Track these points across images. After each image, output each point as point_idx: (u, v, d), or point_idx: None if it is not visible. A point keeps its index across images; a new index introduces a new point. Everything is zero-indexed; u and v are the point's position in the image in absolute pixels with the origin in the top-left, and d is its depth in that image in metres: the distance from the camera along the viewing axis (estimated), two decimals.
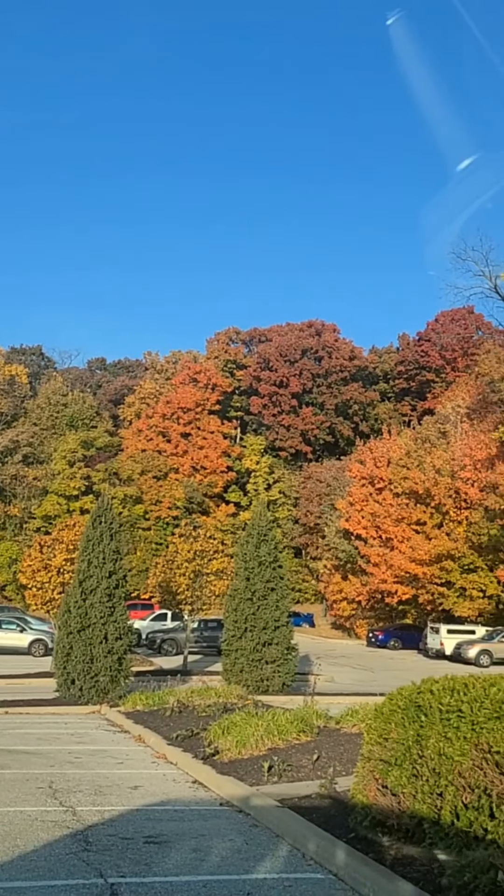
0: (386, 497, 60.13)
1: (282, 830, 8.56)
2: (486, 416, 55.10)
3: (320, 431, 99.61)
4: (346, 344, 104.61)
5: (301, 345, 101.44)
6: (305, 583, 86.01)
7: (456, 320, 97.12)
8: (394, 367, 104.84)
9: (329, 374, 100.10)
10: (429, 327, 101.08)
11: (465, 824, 6.39)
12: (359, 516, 60.97)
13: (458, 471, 51.21)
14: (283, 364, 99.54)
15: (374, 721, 8.39)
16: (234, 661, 22.79)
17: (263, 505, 27.25)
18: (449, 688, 7.41)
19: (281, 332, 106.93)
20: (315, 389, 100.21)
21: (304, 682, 24.13)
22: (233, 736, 13.01)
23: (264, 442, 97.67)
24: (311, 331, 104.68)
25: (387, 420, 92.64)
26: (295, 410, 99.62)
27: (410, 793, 7.29)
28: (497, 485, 45.74)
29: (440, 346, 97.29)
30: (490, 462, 48.56)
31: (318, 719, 14.68)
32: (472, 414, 59.13)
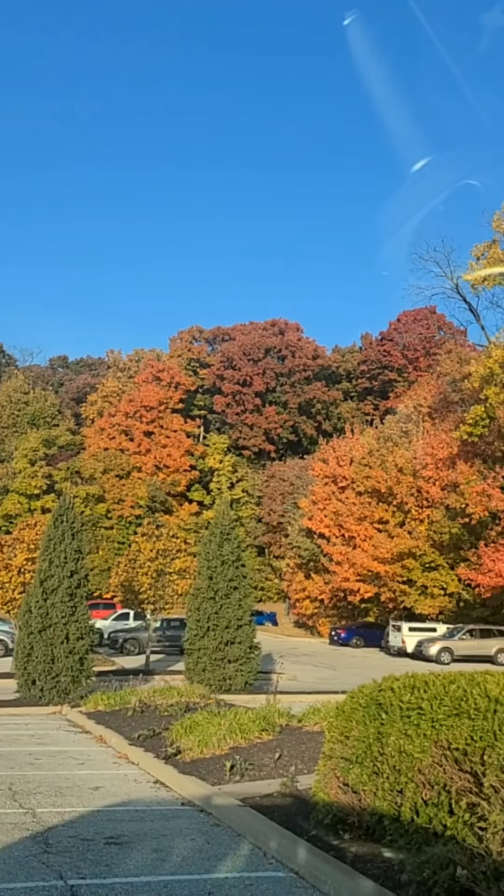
0: (349, 496, 60.42)
1: (243, 829, 8.56)
2: (448, 415, 55.59)
3: (283, 430, 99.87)
4: (310, 343, 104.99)
5: (264, 344, 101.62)
6: (268, 581, 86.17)
7: (418, 320, 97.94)
8: (356, 366, 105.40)
9: (292, 373, 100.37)
10: (391, 327, 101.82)
11: (424, 821, 6.44)
12: (321, 515, 61.20)
13: (419, 469, 51.61)
14: (247, 363, 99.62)
15: (335, 719, 8.43)
16: (196, 660, 22.75)
17: (226, 503, 27.21)
18: (409, 685, 7.46)
19: (244, 330, 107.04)
20: (278, 388, 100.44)
21: (267, 680, 24.17)
22: (195, 735, 12.99)
23: (227, 440, 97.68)
24: (274, 330, 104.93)
25: (349, 419, 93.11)
26: (258, 409, 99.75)
27: (371, 790, 7.32)
28: (458, 483, 46.16)
29: (402, 346, 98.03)
30: (451, 461, 49.01)
31: (281, 718, 14.71)
32: (434, 413, 59.63)
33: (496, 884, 5.22)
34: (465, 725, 6.35)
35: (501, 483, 41.45)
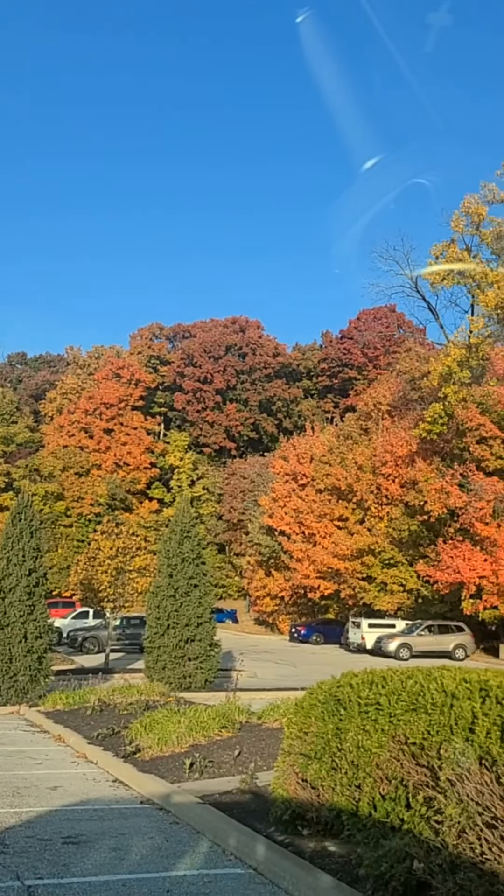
0: (309, 493, 60.66)
1: (202, 827, 8.56)
2: (407, 413, 56.01)
3: (244, 428, 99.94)
4: (270, 341, 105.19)
5: (225, 341, 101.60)
6: (229, 579, 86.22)
7: (378, 318, 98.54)
8: (317, 364, 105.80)
9: (253, 370, 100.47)
10: (351, 325, 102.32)
11: (382, 815, 6.49)
12: (282, 512, 61.37)
13: (379, 467, 51.96)
14: (207, 360, 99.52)
15: (294, 715, 8.46)
16: (156, 658, 22.69)
17: (187, 501, 27.15)
18: (368, 681, 7.51)
19: (205, 327, 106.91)
20: (239, 386, 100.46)
21: (227, 678, 24.19)
22: (154, 733, 12.96)
23: (188, 438, 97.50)
24: (235, 327, 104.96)
25: (310, 417, 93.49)
26: (219, 407, 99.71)
27: (329, 786, 7.37)
28: (417, 481, 46.55)
29: (362, 344, 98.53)
30: (410, 458, 49.41)
31: (240, 715, 14.72)
32: (393, 411, 60.06)
33: (452, 876, 5.28)
34: (422, 720, 6.41)
35: (459, 480, 41.88)
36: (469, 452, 42.92)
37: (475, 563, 38.81)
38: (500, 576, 38.02)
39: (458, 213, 47.76)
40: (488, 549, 39.16)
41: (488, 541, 39.09)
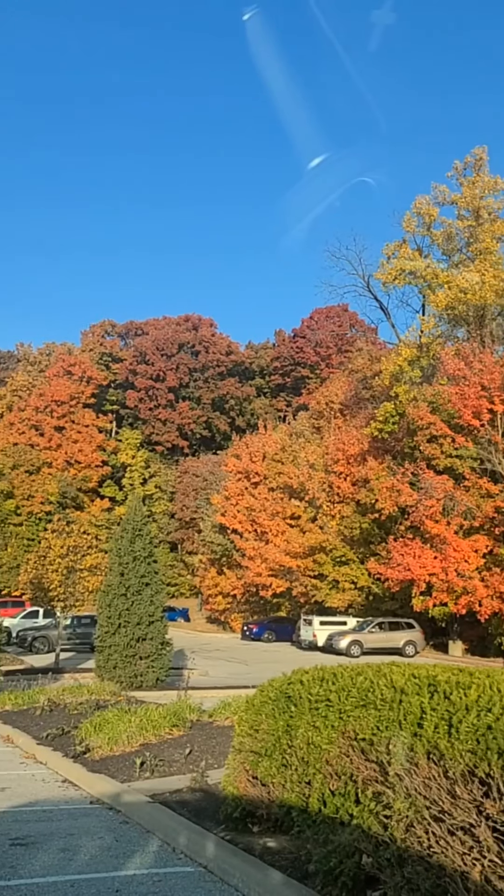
0: (261, 491, 60.81)
1: (152, 826, 8.52)
2: (359, 412, 56.42)
3: (197, 426, 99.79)
4: (223, 339, 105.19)
5: (178, 339, 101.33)
6: (181, 577, 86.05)
7: (330, 317, 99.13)
8: (270, 362, 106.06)
9: (206, 368, 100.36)
10: (304, 324, 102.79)
11: (331, 811, 6.52)
12: (234, 510, 61.42)
13: (331, 465, 52.26)
14: (160, 358, 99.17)
15: (245, 713, 8.47)
16: (107, 657, 22.54)
17: (139, 499, 27.03)
18: (318, 678, 7.55)
19: (157, 325, 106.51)
20: (192, 384, 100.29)
21: (179, 676, 24.14)
22: (105, 733, 12.87)
23: (140, 436, 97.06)
24: (188, 325, 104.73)
25: (262, 415, 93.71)
26: (171, 405, 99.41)
27: (280, 782, 7.39)
28: (368, 479, 46.90)
29: (315, 343, 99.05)
30: (362, 457, 49.76)
31: (192, 713, 14.70)
32: (345, 410, 60.47)
33: (400, 870, 5.32)
34: (371, 716, 6.45)
35: (410, 479, 42.27)
36: (420, 451, 43.36)
37: (425, 561, 39.22)
38: (449, 573, 38.48)
39: (409, 213, 48.30)
40: (438, 546, 39.60)
41: (438, 538, 39.53)
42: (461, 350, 43.73)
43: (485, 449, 40.66)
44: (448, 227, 47.66)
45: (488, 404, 39.43)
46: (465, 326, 47.90)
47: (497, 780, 4.93)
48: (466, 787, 5.14)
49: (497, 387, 39.35)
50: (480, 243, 45.09)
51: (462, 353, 42.93)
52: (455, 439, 41.03)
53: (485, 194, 46.20)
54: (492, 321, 47.27)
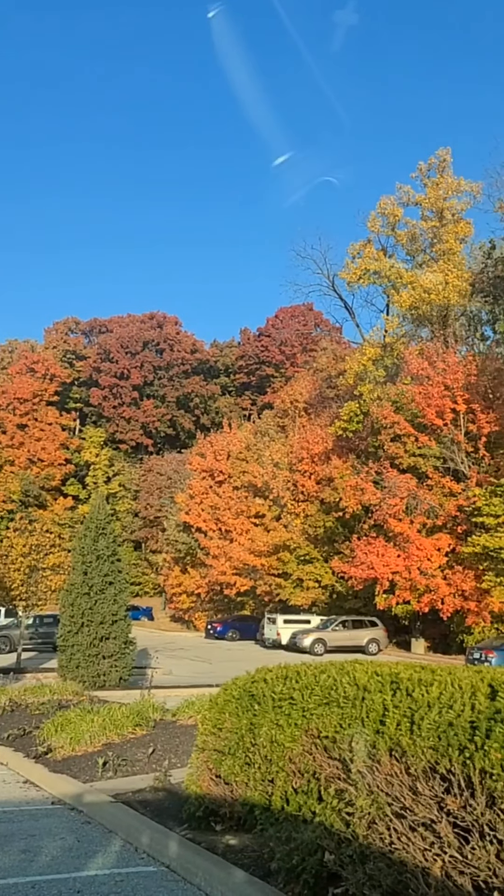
0: (225, 490, 60.82)
1: (115, 826, 8.48)
2: (323, 411, 56.64)
3: (161, 424, 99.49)
4: (188, 337, 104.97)
5: (142, 337, 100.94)
6: (145, 576, 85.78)
7: (295, 316, 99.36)
8: (235, 361, 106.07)
9: (170, 366, 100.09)
10: (269, 323, 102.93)
11: (294, 808, 6.54)
12: (199, 509, 61.37)
13: (295, 464, 52.41)
14: (124, 355, 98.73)
15: (208, 712, 8.46)
16: (70, 656, 22.37)
17: (102, 498, 26.82)
18: (282, 676, 7.56)
19: (122, 323, 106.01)
20: (156, 382, 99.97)
21: (142, 675, 24.04)
22: (67, 733, 12.77)
23: (104, 434, 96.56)
24: (152, 323, 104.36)
25: (227, 413, 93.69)
26: (136, 402, 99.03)
27: (243, 781, 7.39)
28: (332, 478, 47.11)
29: (280, 342, 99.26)
30: (326, 456, 49.97)
31: (155, 712, 14.64)
32: (310, 409, 60.67)
33: (362, 866, 5.35)
34: (334, 714, 6.48)
35: (374, 478, 42.54)
36: (383, 450, 43.65)
37: (388, 559, 39.50)
38: (412, 571, 38.79)
39: (374, 213, 48.59)
40: (401, 545, 39.90)
41: (401, 537, 39.82)
42: (425, 350, 44.10)
43: (448, 448, 41.04)
44: (412, 228, 48.04)
45: (451, 404, 39.81)
46: (429, 326, 48.30)
47: (458, 776, 4.97)
48: (428, 783, 5.18)
49: (460, 387, 39.74)
50: (444, 244, 45.49)
51: (426, 352, 43.29)
52: (418, 438, 41.37)
53: (448, 195, 46.61)
54: (455, 321, 47.73)
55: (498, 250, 45.33)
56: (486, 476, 39.29)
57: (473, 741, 4.97)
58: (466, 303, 45.59)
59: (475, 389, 39.79)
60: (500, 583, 35.99)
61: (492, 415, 39.48)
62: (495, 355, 43.26)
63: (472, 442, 40.69)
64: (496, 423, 39.27)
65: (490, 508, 36.11)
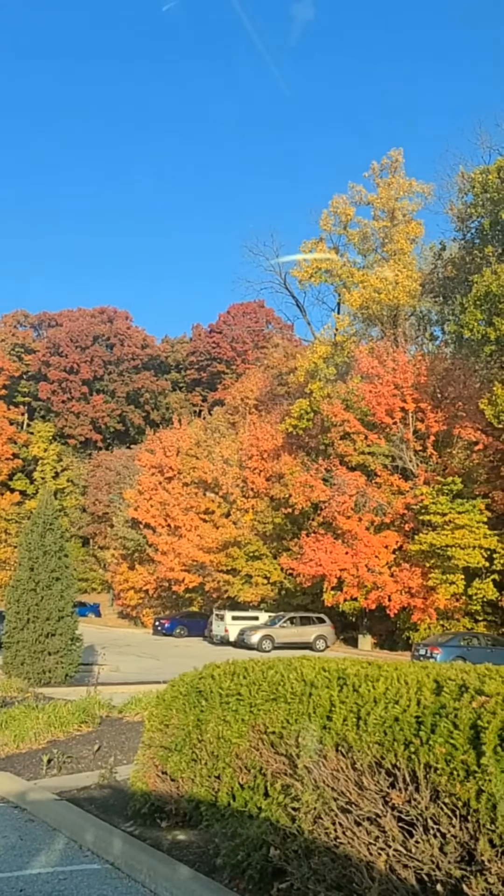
0: (175, 486, 60.64)
1: (59, 823, 8.39)
2: (274, 408, 56.80)
3: (111, 419, 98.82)
4: (139, 332, 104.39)
5: (93, 331, 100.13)
6: (93, 572, 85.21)
7: (247, 313, 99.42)
8: (186, 357, 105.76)
9: (121, 361, 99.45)
10: (221, 319, 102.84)
11: (240, 804, 6.54)
12: (147, 505, 61.11)
13: (245, 460, 52.48)
14: (74, 350, 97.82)
15: (155, 708, 8.42)
16: (15, 653, 22.10)
17: (50, 493, 26.53)
18: (230, 672, 7.55)
19: (72, 316, 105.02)
20: (106, 377, 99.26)
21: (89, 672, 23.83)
22: (11, 730, 12.63)
23: (53, 429, 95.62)
24: (103, 317, 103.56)
25: (178, 409, 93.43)
26: (85, 397, 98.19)
27: (189, 777, 7.37)
28: (282, 475, 47.27)
29: (231, 339, 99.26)
30: (276, 453, 50.13)
31: (101, 709, 14.57)
32: (260, 406, 60.79)
33: (307, 861, 5.37)
34: (281, 709, 6.49)
35: (324, 475, 42.77)
36: (333, 448, 43.92)
37: (336, 556, 39.75)
38: (360, 568, 39.09)
39: (326, 212, 48.77)
40: (349, 542, 40.19)
41: (349, 534, 40.11)
42: (375, 349, 44.44)
43: (396, 447, 41.43)
44: (364, 227, 48.35)
45: (401, 402, 40.20)
46: (380, 325, 48.68)
47: (403, 770, 5.01)
48: (373, 778, 5.22)
49: (409, 386, 40.14)
50: (395, 244, 45.86)
51: (376, 351, 43.62)
52: (368, 436, 41.69)
53: (400, 196, 47.01)
54: (405, 321, 48.18)
55: (448, 251, 45.89)
56: (434, 475, 39.76)
57: (419, 736, 5.01)
58: (416, 303, 46.04)
59: (424, 389, 40.23)
60: (445, 580, 36.45)
61: (440, 414, 39.96)
62: (444, 355, 43.77)
63: (420, 441, 41.13)
64: (444, 423, 39.76)
65: (437, 507, 36.55)
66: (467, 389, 39.36)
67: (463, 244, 43.79)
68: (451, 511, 36.12)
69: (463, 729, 4.79)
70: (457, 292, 41.63)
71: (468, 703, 4.96)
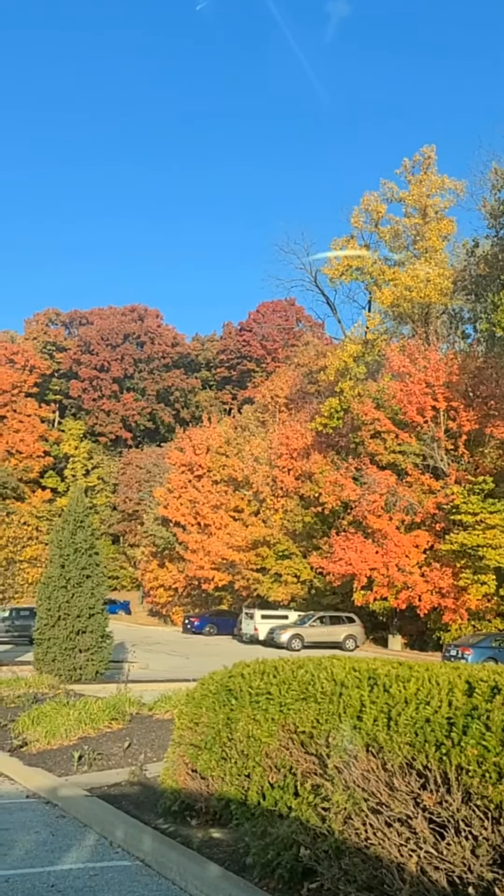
0: (205, 484, 60.79)
1: (90, 820, 8.46)
2: (304, 406, 56.73)
3: (141, 417, 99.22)
4: (169, 330, 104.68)
5: (123, 329, 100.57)
6: (123, 570, 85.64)
7: (277, 311, 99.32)
8: (216, 355, 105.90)
9: (151, 359, 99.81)
10: (251, 317, 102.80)
11: (270, 803, 6.55)
12: (177, 503, 61.30)
13: (275, 459, 52.46)
14: (105, 348, 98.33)
15: (185, 706, 8.46)
16: (46, 650, 22.30)
17: (81, 490, 26.74)
18: (259, 671, 7.56)
19: (103, 315, 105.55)
20: (136, 375, 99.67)
21: (119, 669, 23.98)
22: (42, 726, 12.74)
23: (83, 427, 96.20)
24: (133, 315, 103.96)
25: (207, 408, 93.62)
26: (116, 395, 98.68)
27: (219, 775, 7.39)
28: (312, 473, 47.21)
29: (261, 337, 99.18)
30: (306, 451, 50.07)
31: (131, 706, 14.64)
32: (290, 404, 60.75)
33: (337, 861, 5.37)
34: (311, 709, 6.49)
35: (354, 474, 42.66)
36: (363, 446, 43.78)
37: (366, 555, 39.64)
38: (390, 568, 38.94)
39: (357, 209, 48.60)
40: (379, 541, 40.05)
41: (379, 533, 39.98)
42: (406, 347, 44.23)
43: (427, 445, 41.22)
44: (395, 225, 48.11)
45: (432, 401, 39.98)
46: (411, 324, 48.43)
47: (434, 772, 5.00)
48: (404, 779, 5.20)
49: (441, 384, 39.90)
50: (427, 241, 45.60)
51: (407, 349, 43.42)
52: (399, 435, 41.52)
53: (432, 193, 46.71)
54: (436, 319, 47.89)
55: (481, 248, 45.52)
56: (465, 474, 39.50)
57: (450, 737, 4.99)
58: (448, 301, 45.71)
59: (456, 387, 39.97)
60: (476, 580, 36.21)
61: (472, 413, 39.68)
62: (476, 354, 43.45)
63: (451, 440, 40.89)
64: (476, 422, 39.48)
65: (468, 506, 36.33)
66: (500, 388, 39.05)
67: (496, 241, 43.42)
68: (483, 511, 35.89)
69: (495, 731, 4.76)
70: (489, 290, 41.31)
71: (500, 705, 4.93)
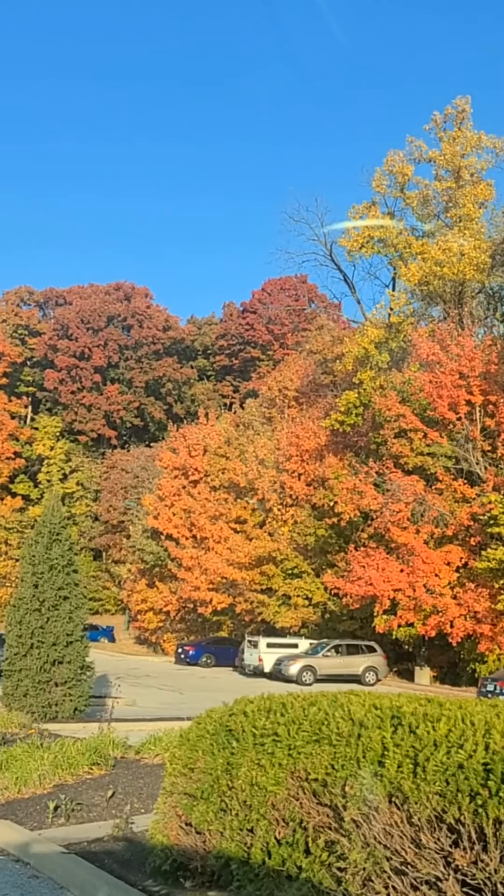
0: (201, 491, 60.80)
1: (67, 880, 8.47)
2: (317, 400, 56.71)
3: (127, 413, 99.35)
4: (161, 312, 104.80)
5: (107, 310, 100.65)
6: (106, 590, 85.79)
7: (286, 290, 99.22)
8: (215, 340, 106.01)
9: (139, 346, 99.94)
10: (255, 297, 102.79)
11: (277, 862, 6.55)
12: (169, 513, 61.30)
13: (283, 462, 52.43)
14: (85, 332, 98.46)
15: (178, 749, 8.46)
16: (16, 683, 22.31)
17: (57, 498, 26.80)
18: (265, 708, 7.56)
19: (83, 294, 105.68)
20: (122, 363, 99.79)
21: (101, 706, 23.99)
22: (12, 772, 12.77)
23: (60, 423, 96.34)
24: (118, 294, 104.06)
25: (205, 402, 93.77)
26: (98, 387, 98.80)
27: (218, 830, 7.39)
28: (326, 479, 47.15)
29: (267, 319, 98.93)
30: (319, 453, 50.03)
31: (115, 749, 14.66)
32: (301, 398, 60.76)
33: None
34: (325, 753, 6.49)
35: (375, 479, 42.58)
36: (386, 447, 43.73)
37: (390, 574, 39.58)
38: (417, 589, 38.88)
39: (380, 171, 48.49)
40: (405, 557, 39.99)
41: (405, 548, 39.92)
42: (436, 331, 44.20)
43: (461, 446, 41.16)
44: (424, 189, 48.12)
45: (466, 395, 39.89)
46: (442, 304, 48.39)
47: (468, 826, 5.00)
48: (433, 834, 5.20)
49: (477, 375, 39.82)
50: (461, 208, 45.54)
51: (438, 335, 43.38)
52: (427, 434, 41.47)
53: (467, 152, 46.67)
54: (472, 299, 47.85)
55: None
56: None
57: (487, 786, 4.99)
58: (485, 278, 45.65)
59: (494, 379, 39.91)
60: None
61: None
62: None
63: (489, 440, 40.83)
64: None
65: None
66: None
67: None
68: None
69: None
70: None
71: None
